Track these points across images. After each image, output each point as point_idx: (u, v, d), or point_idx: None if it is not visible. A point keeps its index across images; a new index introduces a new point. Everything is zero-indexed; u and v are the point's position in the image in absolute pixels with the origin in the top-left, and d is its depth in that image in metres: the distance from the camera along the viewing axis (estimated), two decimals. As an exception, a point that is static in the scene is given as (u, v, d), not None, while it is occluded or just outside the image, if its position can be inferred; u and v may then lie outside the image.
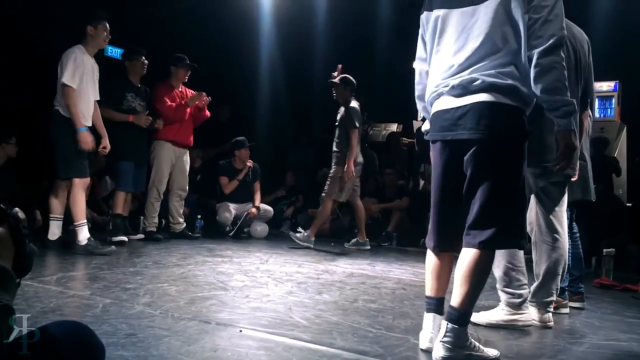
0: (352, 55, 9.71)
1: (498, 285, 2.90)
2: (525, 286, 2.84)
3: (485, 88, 2.09)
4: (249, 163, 6.84)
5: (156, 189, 5.76)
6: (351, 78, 5.97)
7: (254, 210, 6.66)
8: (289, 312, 2.85)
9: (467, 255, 2.16)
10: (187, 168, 6.04)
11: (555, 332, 2.89)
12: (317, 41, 8.93)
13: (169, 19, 7.47)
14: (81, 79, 4.52)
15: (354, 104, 5.94)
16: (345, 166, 5.79)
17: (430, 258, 2.35)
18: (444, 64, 2.24)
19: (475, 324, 2.76)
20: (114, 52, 7.03)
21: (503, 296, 2.86)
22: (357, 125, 5.88)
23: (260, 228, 6.79)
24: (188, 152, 6.06)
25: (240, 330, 2.42)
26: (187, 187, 6.06)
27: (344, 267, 4.66)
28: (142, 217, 6.05)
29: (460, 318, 2.14)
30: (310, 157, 8.95)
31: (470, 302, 2.16)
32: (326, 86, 6.00)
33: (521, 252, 2.78)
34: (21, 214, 1.02)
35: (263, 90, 9.10)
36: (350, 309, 3.06)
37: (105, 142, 4.86)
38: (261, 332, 2.43)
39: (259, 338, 2.33)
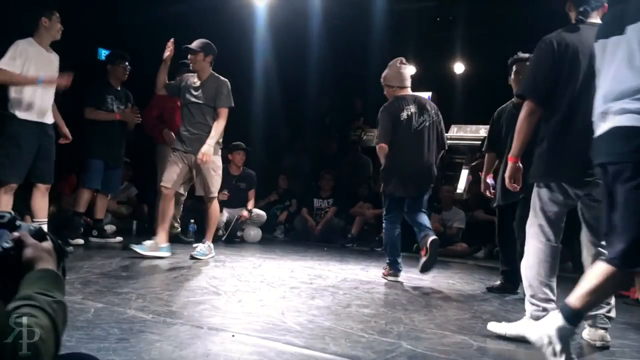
0: (345, 60, 9.76)
1: (526, 295, 2.81)
2: (551, 301, 2.75)
3: (619, 112, 2.14)
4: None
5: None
6: (214, 46, 4.96)
7: (245, 213, 6.65)
8: (282, 317, 2.85)
9: (599, 265, 2.19)
10: None
11: (547, 337, 2.89)
12: (311, 46, 8.95)
13: (161, 24, 7.47)
14: (23, 67, 4.36)
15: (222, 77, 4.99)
16: (206, 146, 4.71)
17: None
18: (600, 92, 2.29)
19: (498, 335, 2.76)
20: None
21: (529, 308, 2.76)
22: (232, 104, 4.97)
23: (254, 233, 6.78)
24: None
25: (233, 335, 2.42)
26: (185, 192, 5.98)
27: (337, 272, 4.66)
28: (134, 221, 6.03)
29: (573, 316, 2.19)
30: (305, 162, 8.96)
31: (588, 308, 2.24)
32: (321, 89, 5.66)
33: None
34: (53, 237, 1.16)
35: (257, 95, 9.10)
36: (343, 314, 3.05)
37: (65, 131, 4.82)
38: (254, 337, 2.43)
39: (252, 343, 2.33)
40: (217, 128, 4.83)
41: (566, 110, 2.76)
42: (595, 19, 2.80)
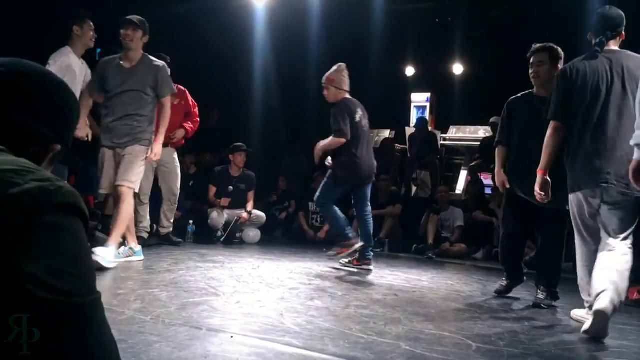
0: (345, 61, 9.76)
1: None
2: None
3: None
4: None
5: (137, 196, 5.31)
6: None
7: (244, 215, 6.64)
8: (281, 318, 2.85)
9: None
10: (177, 172, 5.76)
11: (546, 338, 2.90)
12: (310, 47, 8.97)
13: (163, 24, 7.48)
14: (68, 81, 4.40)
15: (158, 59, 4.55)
16: (158, 146, 4.39)
17: None
18: None
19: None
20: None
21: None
22: (175, 90, 4.62)
23: (253, 234, 6.78)
24: (175, 154, 5.71)
25: (232, 336, 2.41)
26: (178, 192, 5.85)
27: (336, 273, 4.66)
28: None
29: None
30: (303, 162, 8.97)
31: None
32: (321, 89, 5.37)
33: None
34: None
35: (257, 96, 9.12)
36: (342, 315, 3.05)
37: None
38: (252, 338, 2.43)
39: (251, 344, 2.33)
40: (164, 121, 4.41)
41: (577, 127, 3.14)
42: (614, 46, 3.22)
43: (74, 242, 0.83)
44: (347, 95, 5.08)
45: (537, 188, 3.26)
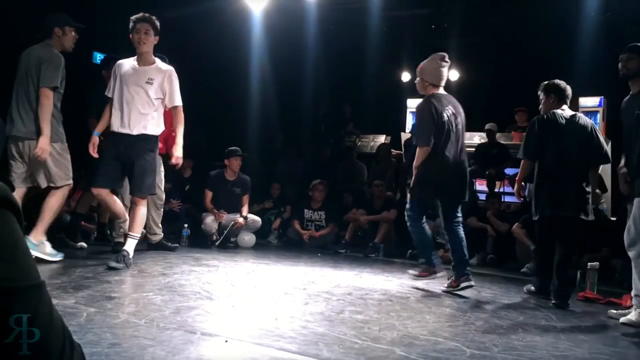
0: (341, 66, 9.80)
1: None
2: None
3: None
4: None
5: (121, 197, 5.22)
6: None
7: (241, 220, 6.61)
8: (275, 322, 2.85)
9: None
10: (162, 176, 5.47)
11: (539, 344, 2.90)
12: (307, 52, 8.99)
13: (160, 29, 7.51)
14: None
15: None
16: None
17: None
18: None
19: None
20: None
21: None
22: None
23: (248, 238, 6.76)
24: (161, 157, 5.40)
25: (226, 341, 2.41)
26: (164, 196, 5.62)
27: (331, 278, 4.65)
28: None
29: None
30: (299, 168, 8.96)
31: None
32: (317, 94, 5.24)
33: None
34: None
35: (253, 100, 9.12)
36: (336, 320, 3.05)
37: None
38: (247, 342, 2.43)
39: (245, 348, 2.33)
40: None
41: None
42: None
43: (4, 232, 0.85)
44: (438, 91, 4.49)
45: None
